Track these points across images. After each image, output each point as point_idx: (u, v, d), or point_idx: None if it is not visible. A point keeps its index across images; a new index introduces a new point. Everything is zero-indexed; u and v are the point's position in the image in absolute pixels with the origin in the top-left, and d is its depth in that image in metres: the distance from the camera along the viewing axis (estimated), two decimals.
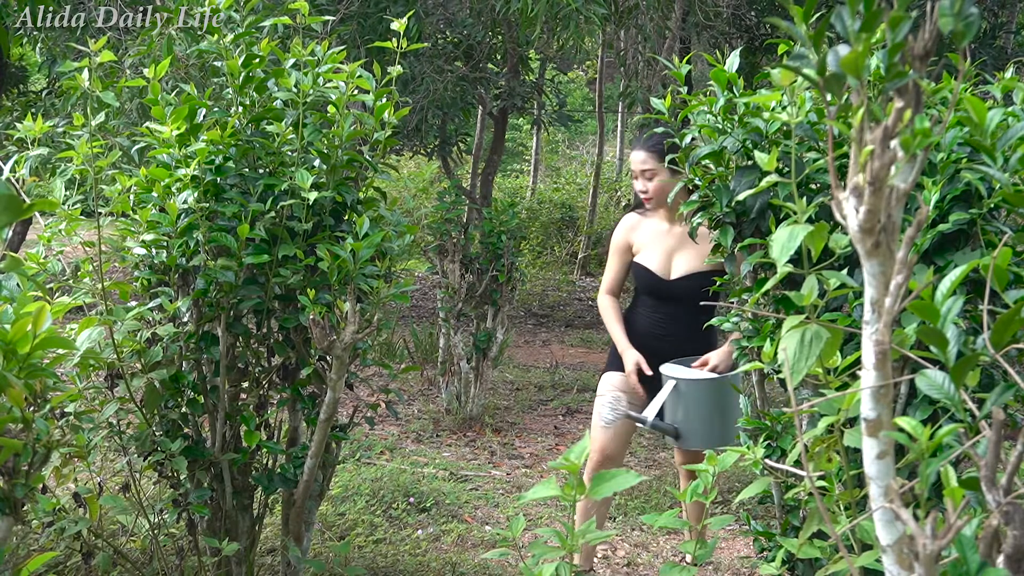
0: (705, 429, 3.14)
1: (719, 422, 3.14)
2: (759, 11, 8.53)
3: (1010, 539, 1.07)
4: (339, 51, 2.75)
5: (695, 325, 3.21)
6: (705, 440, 3.12)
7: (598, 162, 12.42)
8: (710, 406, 3.13)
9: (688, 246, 3.29)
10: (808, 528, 1.90)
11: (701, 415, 3.13)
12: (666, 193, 3.20)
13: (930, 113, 2.30)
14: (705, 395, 3.13)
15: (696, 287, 3.24)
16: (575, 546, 1.74)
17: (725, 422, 3.14)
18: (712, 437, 3.12)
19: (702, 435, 3.13)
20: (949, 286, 1.28)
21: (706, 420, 3.13)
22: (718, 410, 3.14)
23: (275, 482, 2.79)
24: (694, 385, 3.13)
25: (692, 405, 3.13)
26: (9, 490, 2.08)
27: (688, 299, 3.25)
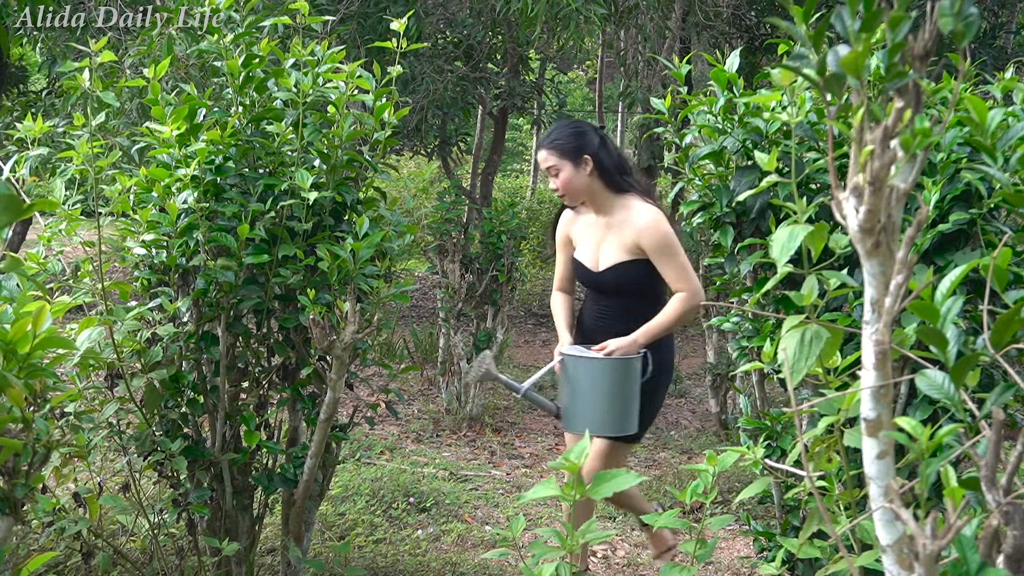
0: (588, 412, 3.00)
1: (606, 407, 3.01)
2: (759, 11, 8.53)
3: (1010, 539, 1.07)
4: (339, 51, 2.75)
5: (632, 316, 3.10)
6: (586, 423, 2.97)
7: None
8: (595, 388, 3.00)
9: (612, 237, 3.15)
10: (808, 528, 1.90)
11: (584, 396, 3.01)
12: (577, 187, 3.10)
13: (930, 113, 2.30)
14: (588, 376, 2.99)
15: (622, 278, 3.13)
16: (575, 546, 1.74)
17: (614, 409, 3.01)
18: (595, 421, 3.00)
19: (583, 417, 3.00)
20: (949, 286, 1.28)
21: (589, 402, 3.01)
22: (605, 395, 3.00)
23: (275, 482, 2.79)
24: (576, 363, 3.02)
25: (576, 385, 3.01)
26: (9, 490, 2.08)
27: (617, 290, 3.15)
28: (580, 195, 3.14)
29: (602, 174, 3.10)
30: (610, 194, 3.12)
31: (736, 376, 4.67)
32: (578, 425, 3.01)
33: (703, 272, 5.75)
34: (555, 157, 3.10)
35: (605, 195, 3.12)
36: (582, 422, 2.98)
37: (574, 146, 3.08)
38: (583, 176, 3.09)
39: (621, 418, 3.03)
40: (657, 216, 3.05)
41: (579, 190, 3.11)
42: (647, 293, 3.14)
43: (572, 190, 3.12)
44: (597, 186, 3.11)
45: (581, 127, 3.19)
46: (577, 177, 3.08)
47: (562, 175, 3.10)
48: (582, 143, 3.09)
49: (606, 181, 3.10)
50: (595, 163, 3.08)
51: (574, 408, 3.02)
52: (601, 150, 3.10)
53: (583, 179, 3.09)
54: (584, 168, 3.07)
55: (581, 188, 3.10)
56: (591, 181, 3.10)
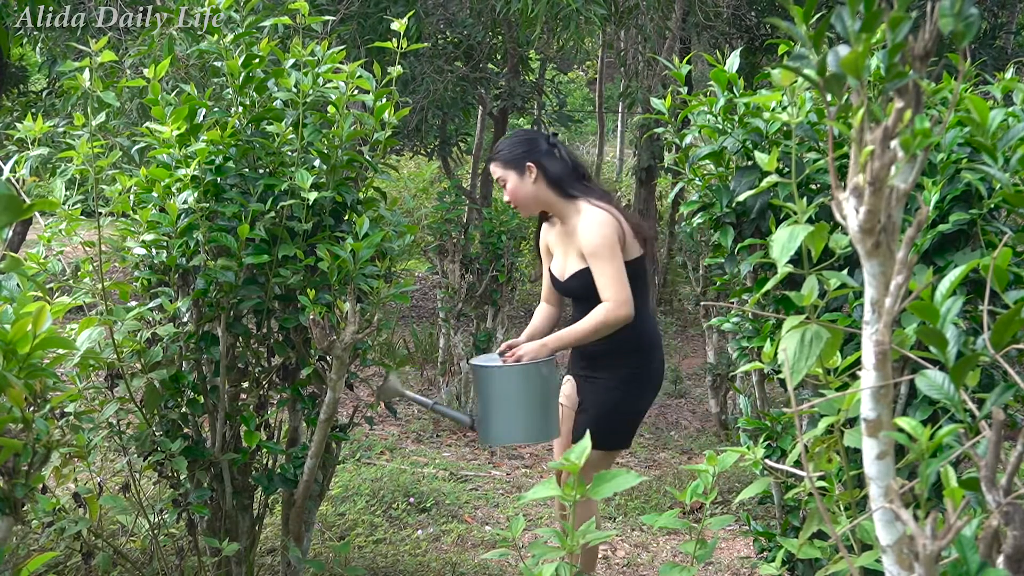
0: (499, 421, 2.89)
1: (516, 415, 2.88)
2: (759, 11, 8.53)
3: (1010, 539, 1.07)
4: (339, 51, 2.75)
5: None
6: (500, 433, 2.91)
7: (598, 162, 12.43)
8: (502, 397, 2.87)
9: (570, 244, 3.07)
10: (808, 528, 1.90)
11: (493, 406, 2.88)
12: (524, 196, 3.04)
13: (930, 113, 2.30)
14: (493, 385, 2.88)
15: (582, 285, 3.03)
16: (575, 546, 1.74)
17: (528, 416, 2.89)
18: (507, 431, 2.92)
19: (495, 427, 2.89)
20: (949, 286, 1.28)
21: (499, 411, 2.88)
22: (514, 403, 2.88)
23: (275, 482, 2.79)
24: (480, 373, 2.91)
25: (484, 393, 2.90)
26: (9, 490, 2.08)
27: (580, 298, 3.05)
28: (530, 204, 3.08)
29: (550, 181, 3.02)
30: (564, 201, 3.04)
31: (736, 376, 4.67)
32: (492, 436, 2.92)
33: (703, 272, 5.75)
34: (500, 168, 3.07)
35: (560, 203, 3.05)
36: (495, 432, 2.91)
37: (517, 154, 3.04)
38: (528, 185, 3.02)
39: (537, 425, 2.92)
40: (599, 218, 2.95)
41: (527, 199, 3.05)
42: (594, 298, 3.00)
43: (520, 199, 3.06)
44: (548, 194, 3.04)
45: (527, 136, 3.14)
46: (522, 186, 3.03)
47: (508, 185, 3.05)
48: (525, 151, 3.04)
49: (556, 189, 3.03)
50: (540, 171, 3.01)
51: (486, 419, 2.90)
52: (547, 157, 3.03)
53: (529, 188, 3.03)
54: (528, 176, 3.01)
55: (529, 197, 3.04)
56: (538, 189, 3.03)
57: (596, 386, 3.07)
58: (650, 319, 3.16)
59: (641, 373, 3.08)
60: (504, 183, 3.06)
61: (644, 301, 3.08)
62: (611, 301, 2.89)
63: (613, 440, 3.05)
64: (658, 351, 3.16)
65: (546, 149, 3.04)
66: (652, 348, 3.12)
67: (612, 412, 3.05)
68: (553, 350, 2.94)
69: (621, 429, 3.09)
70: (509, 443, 2.87)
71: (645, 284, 3.09)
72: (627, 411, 3.09)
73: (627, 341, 3.02)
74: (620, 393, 3.06)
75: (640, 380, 3.09)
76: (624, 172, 15.44)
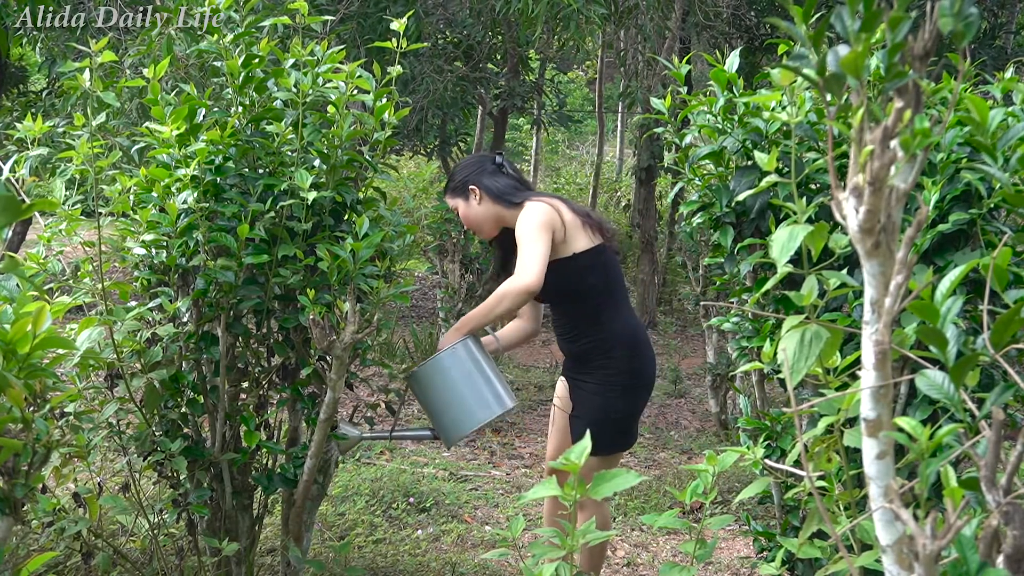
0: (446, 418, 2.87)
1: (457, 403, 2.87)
2: (759, 11, 8.53)
3: (1010, 539, 1.07)
4: (339, 51, 2.75)
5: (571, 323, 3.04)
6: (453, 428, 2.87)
7: (598, 162, 12.43)
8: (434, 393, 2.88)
9: None
10: (808, 528, 1.90)
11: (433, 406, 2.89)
12: (476, 218, 3.09)
13: (930, 113, 2.30)
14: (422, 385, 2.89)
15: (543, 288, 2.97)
16: (575, 546, 1.74)
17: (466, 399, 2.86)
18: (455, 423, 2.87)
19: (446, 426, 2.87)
20: (949, 286, 1.28)
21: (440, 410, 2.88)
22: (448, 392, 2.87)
23: (275, 482, 2.79)
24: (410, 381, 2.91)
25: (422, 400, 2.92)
26: (9, 490, 2.08)
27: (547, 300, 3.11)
28: (483, 225, 3.11)
29: (495, 197, 3.05)
30: (513, 210, 3.04)
31: (736, 376, 4.67)
32: (449, 435, 2.89)
33: (703, 272, 5.75)
34: (450, 198, 3.15)
35: (510, 214, 3.04)
36: (449, 430, 2.88)
37: (460, 181, 3.10)
38: (475, 207, 3.07)
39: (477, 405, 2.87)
40: (531, 207, 2.96)
41: (478, 220, 3.09)
42: (569, 295, 3.01)
43: (472, 222, 3.11)
44: (497, 210, 3.06)
45: (470, 160, 3.18)
46: (470, 209, 3.08)
47: (460, 211, 3.12)
48: (465, 176, 3.09)
49: (502, 202, 3.05)
50: (483, 190, 3.05)
51: (436, 422, 2.89)
52: (489, 177, 3.06)
53: (476, 210, 3.07)
54: (473, 199, 3.07)
55: (479, 218, 3.08)
56: (486, 209, 3.06)
57: (583, 390, 3.05)
58: (628, 317, 3.08)
59: (624, 373, 3.03)
60: (457, 211, 3.13)
61: (617, 298, 3.03)
62: (517, 273, 2.85)
63: (606, 444, 3.00)
64: (642, 348, 3.08)
65: (491, 169, 3.08)
66: (634, 346, 3.06)
67: (601, 416, 3.00)
68: (465, 331, 2.92)
69: (612, 431, 3.04)
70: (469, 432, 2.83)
71: (613, 280, 3.05)
72: (615, 413, 3.04)
73: (604, 341, 3.00)
74: (605, 396, 3.02)
75: (625, 381, 3.03)
76: (624, 172, 15.45)
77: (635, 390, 3.07)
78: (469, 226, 3.12)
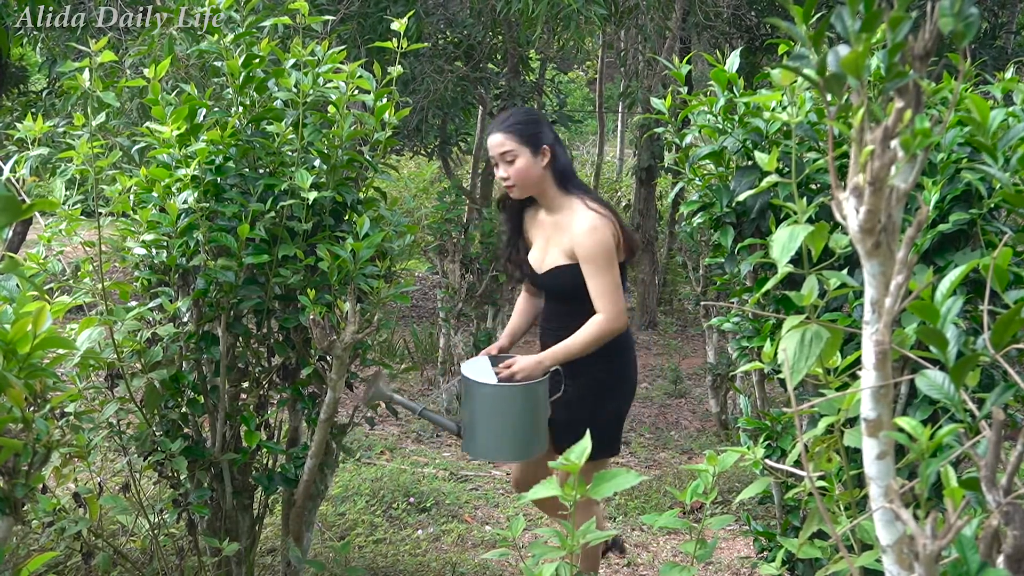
0: (486, 437, 2.79)
1: (503, 434, 2.78)
2: (759, 11, 8.53)
3: (1010, 539, 1.07)
4: (339, 51, 2.75)
5: (574, 322, 2.85)
6: (484, 449, 2.83)
7: (598, 162, 12.43)
8: (492, 414, 2.77)
9: (556, 238, 2.92)
10: (808, 528, 1.90)
11: (482, 421, 2.78)
12: (531, 178, 2.86)
13: (930, 113, 2.30)
14: (486, 402, 2.77)
15: (559, 282, 2.92)
16: (575, 546, 1.74)
17: (514, 436, 2.79)
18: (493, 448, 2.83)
19: (482, 442, 2.80)
20: (949, 286, 1.28)
21: (486, 428, 2.78)
22: (502, 422, 2.78)
23: (275, 482, 2.79)
24: (474, 388, 2.77)
25: (475, 408, 2.78)
26: (9, 490, 2.08)
27: (555, 295, 2.96)
28: (531, 188, 2.90)
29: (556, 170, 2.89)
30: (559, 192, 2.91)
31: (736, 376, 4.67)
32: (476, 450, 2.84)
33: (703, 272, 5.75)
34: (513, 141, 2.84)
35: (554, 192, 2.91)
36: (480, 447, 2.82)
37: (533, 133, 2.86)
38: (539, 168, 2.86)
39: (524, 444, 2.82)
40: (598, 223, 2.83)
41: (532, 182, 2.88)
42: (580, 298, 2.86)
43: (526, 181, 2.87)
44: (549, 182, 2.89)
45: (539, 116, 2.99)
46: (534, 167, 2.85)
47: (519, 162, 2.84)
48: (541, 132, 2.88)
49: (557, 178, 2.89)
50: (552, 157, 2.87)
51: (472, 431, 2.80)
52: (557, 144, 2.90)
53: (539, 171, 2.86)
54: (542, 159, 2.86)
55: (535, 181, 2.88)
56: (544, 175, 2.88)
57: (568, 395, 2.91)
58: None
59: (609, 378, 2.98)
60: (513, 159, 2.84)
61: None
62: (606, 313, 2.80)
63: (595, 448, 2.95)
64: (628, 353, 3.05)
65: (554, 137, 2.92)
66: (623, 351, 3.01)
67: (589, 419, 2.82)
68: (548, 368, 2.84)
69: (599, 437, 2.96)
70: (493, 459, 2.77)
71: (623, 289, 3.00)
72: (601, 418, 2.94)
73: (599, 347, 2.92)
74: (591, 401, 2.95)
75: (610, 385, 2.99)
76: (624, 172, 15.44)
77: (623, 393, 3.05)
78: (517, 180, 2.86)
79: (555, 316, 3.01)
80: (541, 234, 3.00)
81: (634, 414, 6.05)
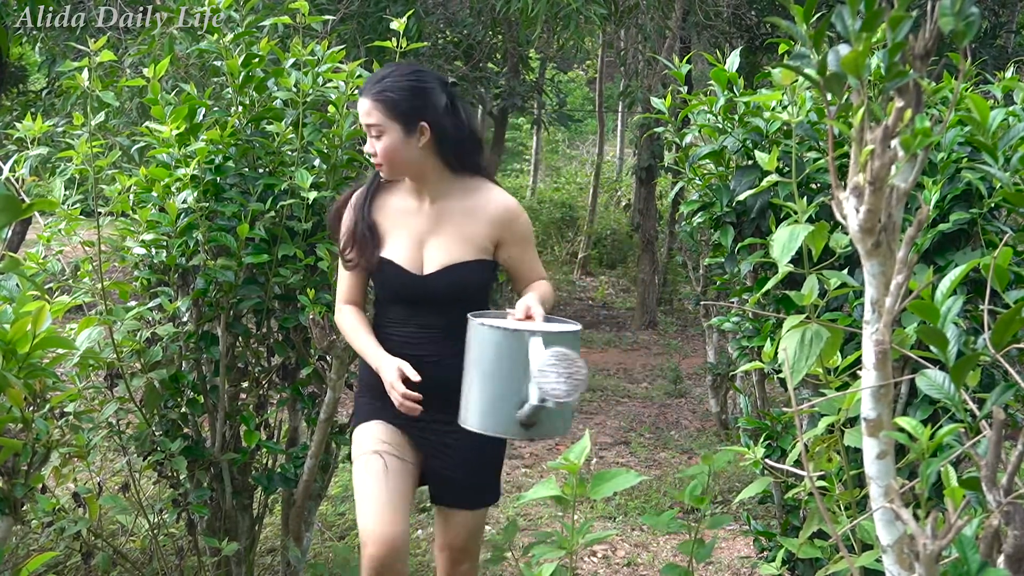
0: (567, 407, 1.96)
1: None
2: (759, 11, 8.53)
3: (1010, 539, 1.07)
4: (339, 50, 2.75)
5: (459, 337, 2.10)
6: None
7: (598, 162, 12.44)
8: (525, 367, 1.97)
9: (450, 229, 2.28)
10: (808, 528, 1.90)
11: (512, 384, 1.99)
12: (403, 159, 2.22)
13: (930, 113, 2.30)
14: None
15: (460, 283, 2.27)
16: (574, 546, 1.74)
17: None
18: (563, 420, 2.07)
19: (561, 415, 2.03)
20: (949, 286, 1.28)
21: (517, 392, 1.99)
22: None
23: (275, 482, 2.79)
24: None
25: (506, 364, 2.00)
26: (9, 490, 2.08)
27: (449, 299, 2.24)
28: (405, 170, 2.26)
29: (441, 148, 2.24)
30: (446, 174, 2.28)
31: (736, 376, 4.67)
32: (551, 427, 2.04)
33: (703, 271, 5.75)
34: (381, 113, 2.19)
35: (440, 175, 2.28)
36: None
37: (411, 107, 2.20)
38: (413, 148, 2.21)
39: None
40: (517, 204, 2.34)
41: (405, 163, 2.24)
42: (482, 306, 2.27)
43: (396, 162, 2.23)
44: (432, 163, 2.25)
45: (425, 81, 2.25)
46: (406, 148, 2.21)
47: (386, 140, 2.20)
48: (422, 104, 2.21)
49: (446, 158, 2.26)
50: (434, 134, 2.22)
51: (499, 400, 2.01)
52: (446, 117, 2.24)
53: (413, 151, 2.21)
54: (418, 138, 2.21)
55: (408, 161, 2.23)
56: (424, 156, 2.23)
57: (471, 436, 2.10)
58: None
59: None
60: (379, 133, 2.20)
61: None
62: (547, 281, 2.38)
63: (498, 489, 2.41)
64: None
65: (444, 106, 2.24)
66: None
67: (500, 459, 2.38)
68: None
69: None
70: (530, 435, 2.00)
71: None
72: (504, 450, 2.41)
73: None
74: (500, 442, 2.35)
75: None
76: (624, 171, 15.45)
77: None
78: (385, 159, 2.22)
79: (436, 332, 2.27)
80: (405, 225, 2.31)
81: (634, 414, 6.06)
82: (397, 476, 2.23)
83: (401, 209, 2.32)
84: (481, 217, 2.29)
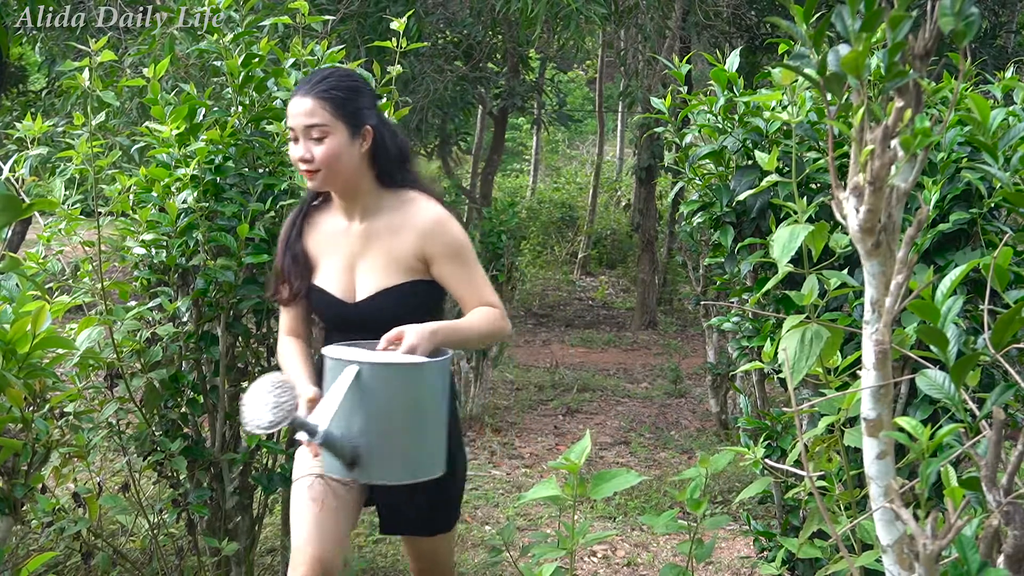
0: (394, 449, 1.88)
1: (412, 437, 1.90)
2: (759, 10, 8.53)
3: (1010, 539, 1.07)
4: (339, 50, 2.75)
5: None
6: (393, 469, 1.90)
7: (598, 162, 12.44)
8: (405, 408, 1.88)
9: (377, 249, 2.11)
10: (808, 528, 1.90)
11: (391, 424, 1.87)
12: (343, 166, 2.05)
13: (930, 113, 2.30)
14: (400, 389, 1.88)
15: (392, 310, 2.08)
16: (574, 546, 1.74)
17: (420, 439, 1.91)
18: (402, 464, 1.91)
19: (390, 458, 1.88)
20: (949, 286, 1.28)
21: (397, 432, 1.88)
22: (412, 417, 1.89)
23: (275, 482, 2.79)
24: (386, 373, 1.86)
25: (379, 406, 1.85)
26: (9, 490, 2.08)
27: (386, 329, 1.98)
28: (339, 180, 2.08)
29: (377, 158, 2.10)
30: (377, 189, 2.12)
31: (736, 376, 4.67)
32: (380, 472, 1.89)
33: (703, 271, 5.75)
34: (327, 112, 2.03)
35: (370, 189, 2.12)
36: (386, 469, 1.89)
37: (356, 108, 2.06)
38: (356, 153, 2.06)
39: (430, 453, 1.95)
40: (447, 215, 2.14)
41: (344, 170, 2.06)
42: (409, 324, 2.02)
43: (334, 169, 2.05)
44: (366, 175, 2.10)
45: (367, 85, 2.16)
46: (349, 152, 2.05)
47: (329, 142, 2.03)
48: (367, 106, 2.09)
49: (378, 169, 2.11)
50: (374, 140, 2.08)
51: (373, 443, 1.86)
52: (383, 126, 2.12)
53: (355, 157, 2.06)
54: (362, 143, 2.07)
55: (348, 168, 2.06)
56: (361, 165, 2.08)
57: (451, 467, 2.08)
58: None
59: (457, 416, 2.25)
60: (323, 135, 2.03)
61: None
62: (499, 308, 2.14)
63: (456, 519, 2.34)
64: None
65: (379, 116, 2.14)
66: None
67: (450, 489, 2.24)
68: (440, 343, 2.00)
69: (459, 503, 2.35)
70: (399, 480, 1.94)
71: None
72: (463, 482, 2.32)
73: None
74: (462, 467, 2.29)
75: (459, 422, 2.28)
76: (624, 171, 15.45)
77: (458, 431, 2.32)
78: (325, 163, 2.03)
79: None
80: (336, 249, 2.16)
81: (634, 414, 6.06)
82: (335, 498, 2.10)
83: (331, 231, 2.17)
84: (407, 233, 2.11)
